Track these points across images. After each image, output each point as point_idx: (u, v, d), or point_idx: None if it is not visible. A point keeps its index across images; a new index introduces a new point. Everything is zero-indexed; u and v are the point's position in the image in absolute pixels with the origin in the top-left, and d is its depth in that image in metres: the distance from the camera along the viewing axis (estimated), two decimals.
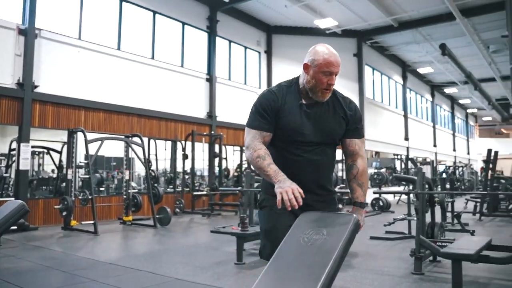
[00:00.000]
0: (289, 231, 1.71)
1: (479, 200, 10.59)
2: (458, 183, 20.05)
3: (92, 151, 8.56)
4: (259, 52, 16.24)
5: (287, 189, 1.78)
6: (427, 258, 5.26)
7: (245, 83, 15.47)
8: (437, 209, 8.34)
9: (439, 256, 4.86)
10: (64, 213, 8.23)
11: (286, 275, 1.55)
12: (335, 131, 2.31)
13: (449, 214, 8.68)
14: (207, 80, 13.74)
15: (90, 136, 8.78)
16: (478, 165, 33.04)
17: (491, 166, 10.86)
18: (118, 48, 11.09)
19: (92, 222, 7.99)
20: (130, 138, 9.61)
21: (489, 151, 10.73)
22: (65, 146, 9.47)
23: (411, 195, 6.48)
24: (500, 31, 14.74)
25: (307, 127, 2.25)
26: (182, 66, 13.00)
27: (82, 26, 10.27)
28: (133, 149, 9.33)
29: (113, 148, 12.14)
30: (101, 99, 10.38)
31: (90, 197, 8.21)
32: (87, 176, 8.58)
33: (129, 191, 9.38)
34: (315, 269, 1.49)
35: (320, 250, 1.56)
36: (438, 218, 8.17)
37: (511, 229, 8.43)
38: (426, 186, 5.49)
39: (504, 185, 10.59)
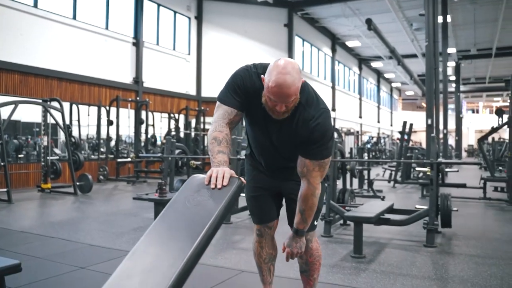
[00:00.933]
0: (176, 194, 1.77)
1: (394, 168, 11.32)
2: (379, 153, 21.20)
3: (4, 115, 8.04)
4: (189, 18, 15.88)
5: (217, 172, 1.77)
6: (337, 222, 5.61)
7: (174, 49, 15.14)
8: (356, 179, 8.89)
9: (343, 219, 5.19)
10: None
11: (166, 235, 1.61)
12: (288, 144, 2.11)
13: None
14: (134, 44, 13.28)
15: (3, 99, 8.24)
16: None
17: (406, 137, 11.59)
18: (35, 6, 10.36)
19: (5, 190, 7.60)
20: (49, 103, 9.13)
21: (404, 123, 11.42)
22: None
23: None
24: (422, 9, 15.50)
25: (272, 134, 2.12)
26: (107, 28, 12.44)
27: None
28: (51, 114, 8.89)
29: (36, 114, 11.48)
30: (15, 59, 9.71)
31: (2, 163, 7.76)
32: None
33: (48, 157, 8.99)
34: (194, 228, 1.56)
35: (201, 211, 1.63)
36: (354, 184, 8.73)
37: (418, 195, 9.13)
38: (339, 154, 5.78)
39: (416, 155, 11.35)
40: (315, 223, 2.34)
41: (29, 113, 10.37)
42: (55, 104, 9.12)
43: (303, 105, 2.01)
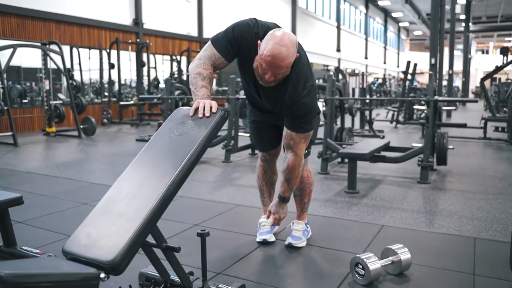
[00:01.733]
0: (162, 125, 1.83)
1: (396, 109, 11.29)
2: (385, 95, 21.04)
3: (4, 60, 8.03)
4: None
5: (204, 103, 1.82)
6: (335, 160, 5.71)
7: None
8: (357, 118, 8.92)
9: (338, 155, 5.28)
10: None
11: (151, 163, 1.69)
12: (278, 106, 2.22)
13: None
14: None
15: (1, 43, 8.18)
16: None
17: (409, 77, 11.47)
18: None
19: (10, 133, 7.74)
20: (48, 46, 9.06)
21: (408, 62, 11.26)
22: None
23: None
24: None
25: (260, 94, 2.26)
26: None
27: None
28: (51, 58, 8.84)
29: (37, 59, 11.41)
30: (11, 2, 9.52)
31: (6, 108, 7.85)
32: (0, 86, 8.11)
33: (51, 102, 9.05)
34: (177, 156, 1.63)
35: (185, 140, 1.69)
36: (356, 125, 8.78)
37: (419, 135, 9.18)
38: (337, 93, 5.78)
39: (419, 95, 11.28)
40: (307, 151, 2.48)
41: (30, 58, 10.31)
42: (54, 47, 9.05)
43: (293, 80, 2.11)
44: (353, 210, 3.65)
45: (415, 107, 9.28)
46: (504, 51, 10.02)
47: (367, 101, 9.78)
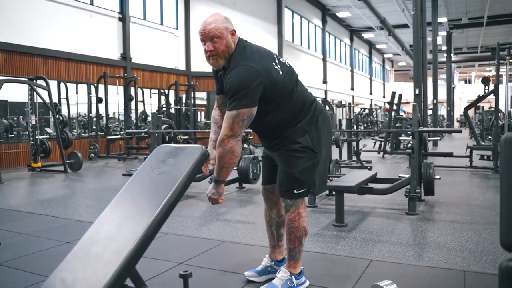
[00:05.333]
0: (142, 164, 1.80)
1: (383, 139, 11.38)
2: (371, 125, 21.25)
3: None
4: None
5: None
6: (323, 192, 5.68)
7: (162, 24, 14.95)
8: (344, 149, 8.99)
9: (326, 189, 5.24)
10: None
11: (130, 203, 1.65)
12: None
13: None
14: (120, 19, 13.08)
15: None
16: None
17: (395, 107, 11.62)
18: None
19: None
20: (35, 81, 9.04)
21: (393, 93, 11.43)
22: None
23: None
24: None
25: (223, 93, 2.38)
26: (91, 3, 12.22)
27: None
28: (37, 93, 8.82)
29: (24, 93, 11.38)
30: None
31: None
32: None
33: (37, 136, 8.97)
34: (157, 196, 1.59)
35: (165, 179, 1.66)
36: (344, 155, 8.82)
37: (406, 165, 9.21)
38: None
39: (405, 125, 11.40)
40: (296, 191, 2.33)
41: (17, 92, 10.27)
42: (41, 82, 9.04)
43: (235, 62, 2.19)
44: (341, 244, 3.59)
45: (401, 137, 9.35)
46: (485, 81, 10.24)
47: (354, 132, 9.86)
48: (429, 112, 16.19)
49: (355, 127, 10.51)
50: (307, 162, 2.32)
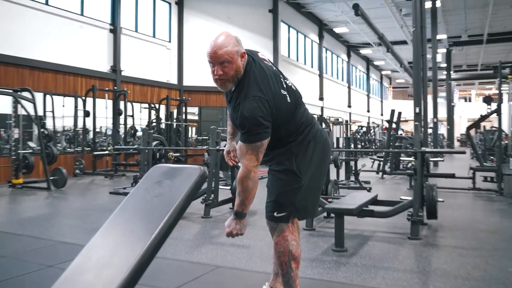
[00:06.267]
0: (136, 185, 1.74)
1: (382, 159, 11.37)
2: (369, 144, 21.32)
3: None
4: (170, 3, 15.74)
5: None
6: (320, 214, 5.62)
7: (154, 36, 15.01)
8: (342, 169, 8.95)
9: (324, 211, 5.20)
10: None
11: (123, 228, 1.60)
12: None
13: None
14: (111, 31, 13.11)
15: None
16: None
17: (394, 126, 11.65)
18: None
19: None
20: (19, 93, 8.97)
21: (392, 111, 11.48)
22: None
23: None
24: None
25: (231, 114, 2.34)
26: (82, 14, 12.24)
27: None
28: (22, 105, 8.74)
29: (8, 105, 11.29)
30: None
31: None
32: None
33: (20, 151, 8.86)
34: (152, 221, 1.54)
35: (161, 202, 1.61)
36: (341, 175, 8.78)
37: (406, 186, 9.20)
38: None
39: (405, 144, 11.43)
40: (276, 214, 2.34)
41: (0, 104, 10.19)
42: (26, 94, 8.97)
43: (245, 90, 2.18)
44: (341, 271, 3.53)
45: (402, 158, 9.35)
46: (488, 100, 10.36)
47: (352, 152, 9.85)
48: (429, 131, 16.26)
49: (352, 146, 10.52)
50: (288, 185, 2.33)
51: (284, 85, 2.29)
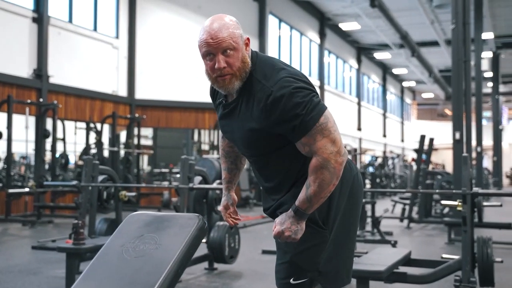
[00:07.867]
0: (108, 241, 1.72)
1: (408, 201, 11.46)
2: (387, 180, 21.47)
3: None
4: None
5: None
6: None
7: (95, 30, 15.02)
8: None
9: None
10: None
11: None
12: (254, 140, 2.24)
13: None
14: (35, 20, 13.02)
15: None
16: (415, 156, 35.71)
17: (424, 157, 11.81)
18: None
19: None
20: None
21: (422, 137, 11.63)
22: None
23: None
24: None
25: (234, 132, 2.32)
26: None
27: None
28: None
29: None
30: None
31: None
32: None
33: None
34: None
35: (146, 264, 1.58)
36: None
37: (444, 239, 9.24)
38: None
39: (439, 182, 11.56)
40: (292, 281, 2.30)
41: None
42: None
43: (259, 80, 2.17)
44: None
45: (444, 202, 9.39)
46: None
47: (369, 192, 9.93)
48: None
49: (369, 184, 10.61)
50: (308, 240, 2.27)
51: None
